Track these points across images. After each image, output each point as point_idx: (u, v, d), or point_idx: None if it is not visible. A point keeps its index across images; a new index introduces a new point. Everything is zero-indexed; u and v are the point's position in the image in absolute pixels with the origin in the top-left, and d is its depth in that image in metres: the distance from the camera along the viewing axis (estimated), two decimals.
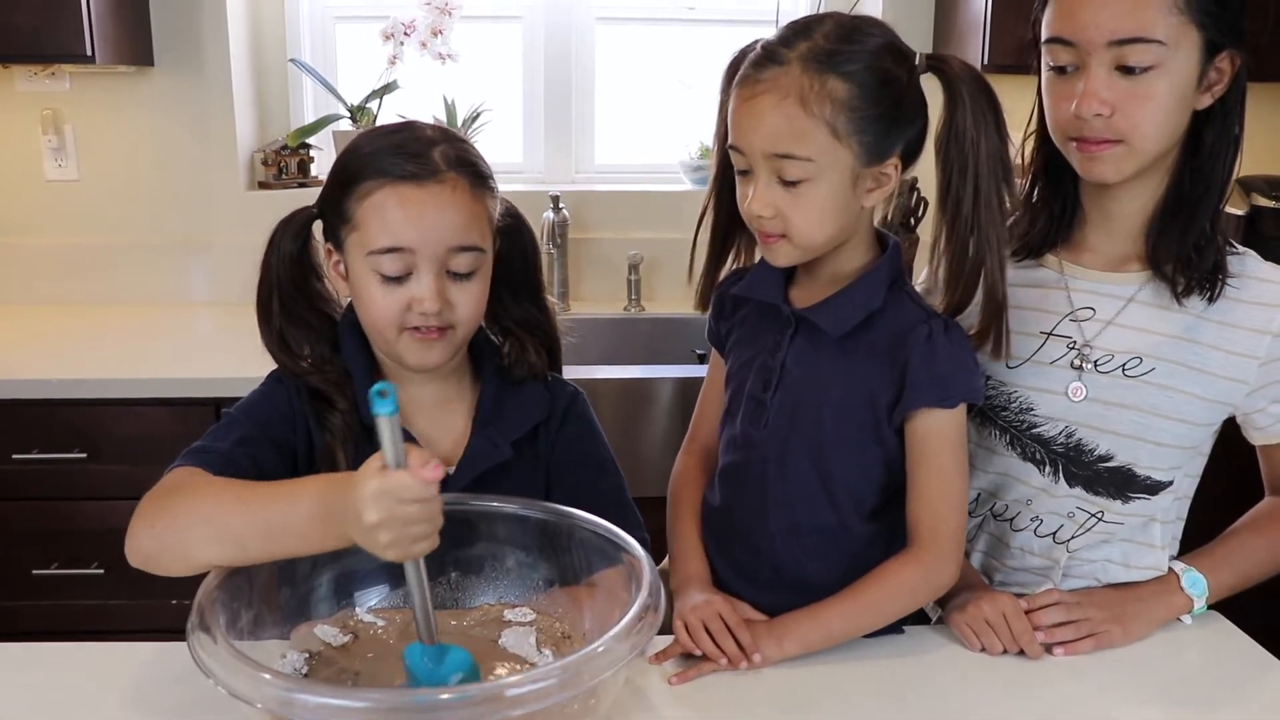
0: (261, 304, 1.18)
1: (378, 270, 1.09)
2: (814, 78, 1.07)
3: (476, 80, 2.75)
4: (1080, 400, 1.25)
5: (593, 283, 2.73)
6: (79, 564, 2.12)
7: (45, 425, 2.07)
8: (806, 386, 1.19)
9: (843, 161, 1.09)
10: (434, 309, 1.09)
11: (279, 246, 1.17)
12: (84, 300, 2.65)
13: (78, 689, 1.08)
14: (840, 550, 1.20)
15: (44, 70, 2.53)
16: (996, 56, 2.33)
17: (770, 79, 1.09)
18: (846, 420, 1.17)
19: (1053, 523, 1.30)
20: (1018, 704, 1.09)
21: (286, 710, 0.81)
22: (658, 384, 2.15)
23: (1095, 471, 1.26)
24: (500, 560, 1.11)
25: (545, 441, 1.24)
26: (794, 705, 1.07)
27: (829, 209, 1.11)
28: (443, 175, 1.09)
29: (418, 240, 1.08)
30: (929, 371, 1.12)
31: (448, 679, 0.92)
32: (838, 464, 1.19)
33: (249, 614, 0.99)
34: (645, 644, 0.90)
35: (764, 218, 1.12)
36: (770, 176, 1.11)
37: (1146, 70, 1.13)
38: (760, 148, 1.10)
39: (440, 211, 1.09)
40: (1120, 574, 1.29)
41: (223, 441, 1.11)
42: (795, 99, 1.07)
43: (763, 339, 1.24)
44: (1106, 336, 1.25)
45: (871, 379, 1.16)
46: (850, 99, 1.07)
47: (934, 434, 1.15)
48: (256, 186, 2.70)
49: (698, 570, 1.24)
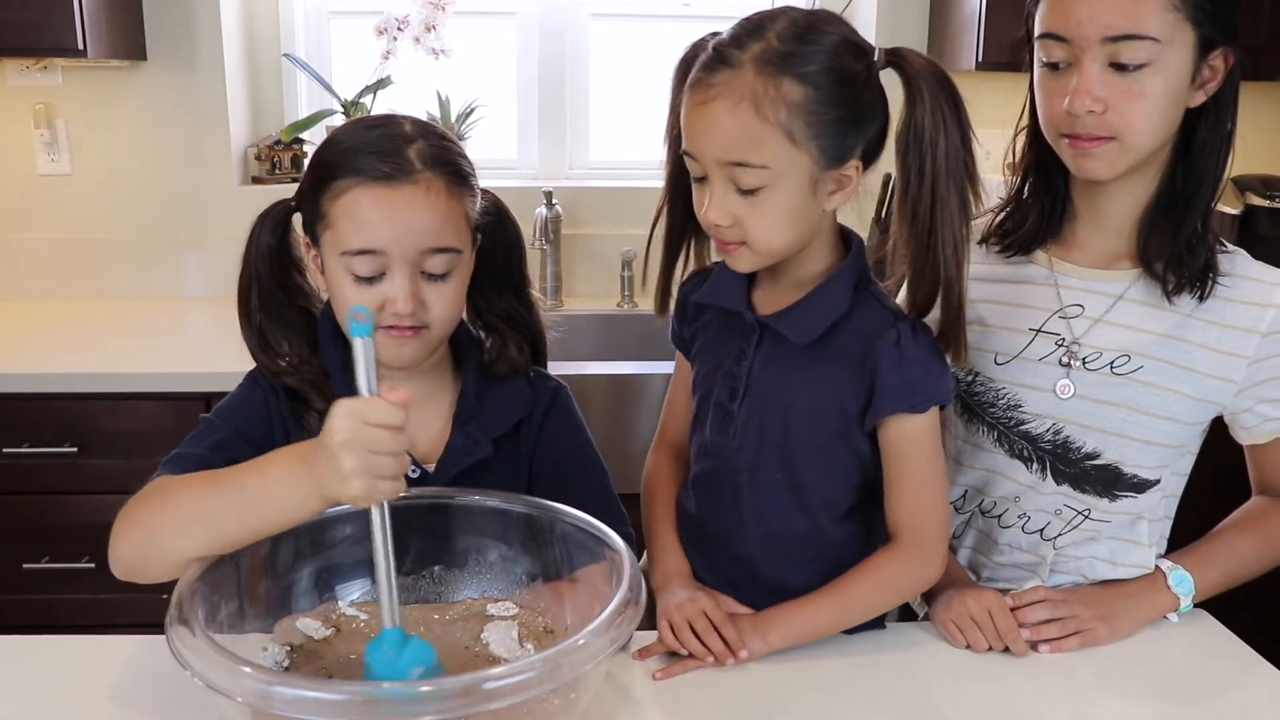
0: (242, 298, 1.17)
1: (350, 270, 1.08)
2: (767, 81, 1.03)
3: (470, 76, 2.75)
4: (1068, 398, 1.25)
5: (586, 279, 2.73)
6: (70, 558, 2.11)
7: (36, 420, 2.07)
8: (774, 395, 1.17)
9: (801, 167, 1.06)
10: (407, 310, 1.08)
11: (258, 240, 1.16)
12: (75, 295, 2.65)
13: (62, 682, 1.08)
14: (815, 554, 1.20)
15: (36, 64, 2.53)
16: (991, 54, 2.33)
17: (722, 83, 1.04)
18: (816, 429, 1.16)
19: (1040, 520, 1.30)
20: (1002, 701, 1.09)
21: (264, 704, 0.80)
22: (650, 380, 2.15)
23: (1082, 469, 1.26)
24: (483, 554, 1.11)
25: (527, 438, 1.23)
26: (778, 700, 1.07)
27: (788, 216, 1.08)
28: (417, 175, 1.08)
29: (390, 242, 1.07)
30: (898, 377, 1.11)
31: (406, 672, 0.91)
32: (809, 472, 1.18)
33: (229, 607, 0.98)
34: (626, 638, 0.89)
35: (722, 226, 1.09)
36: (726, 184, 1.07)
37: (1140, 67, 1.12)
38: (714, 155, 1.06)
39: (414, 213, 1.07)
40: (1107, 571, 1.29)
41: (199, 446, 1.11)
42: (749, 104, 1.03)
43: (727, 346, 1.22)
44: (1095, 334, 1.25)
45: (840, 387, 1.14)
46: (806, 102, 1.03)
47: (907, 439, 1.13)
48: (250, 182, 2.70)
49: (678, 565, 1.24)
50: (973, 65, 2.36)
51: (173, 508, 0.99)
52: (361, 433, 0.87)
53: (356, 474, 0.88)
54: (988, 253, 1.34)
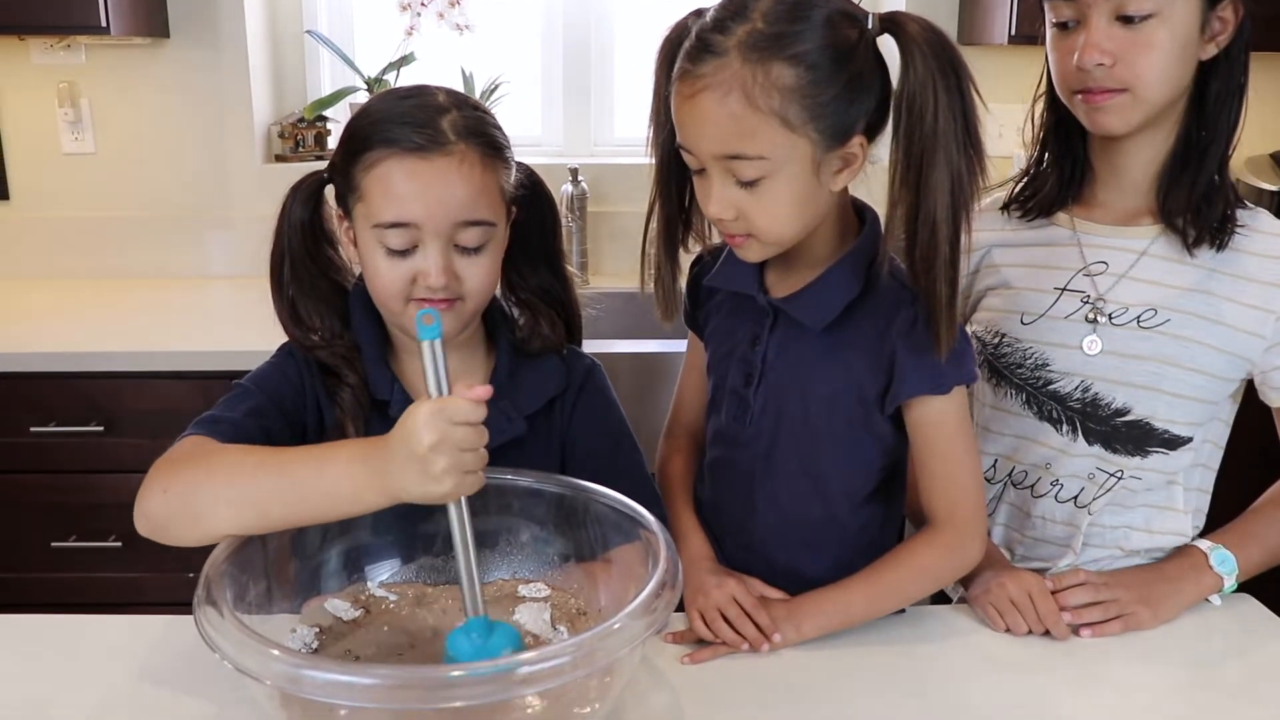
0: (274, 272, 1.16)
1: (383, 243, 1.06)
2: (756, 68, 0.97)
3: (494, 52, 2.72)
4: (1095, 354, 1.25)
5: (612, 256, 2.71)
6: (97, 537, 2.12)
7: (63, 399, 2.07)
8: (790, 381, 1.15)
9: (801, 152, 1.00)
10: (440, 284, 1.06)
11: (290, 212, 1.14)
12: (100, 273, 2.65)
13: (88, 661, 1.08)
14: (831, 541, 1.18)
15: (60, 42, 2.52)
16: (1024, 27, 2.29)
17: (709, 74, 0.98)
18: (835, 415, 1.13)
19: (1073, 486, 1.29)
20: (1039, 687, 1.07)
21: (294, 687, 0.79)
22: (676, 359, 2.09)
23: (1113, 426, 1.25)
24: (515, 535, 1.09)
25: (561, 415, 1.21)
26: (811, 685, 1.05)
27: (793, 203, 1.03)
28: (451, 147, 1.05)
29: (423, 215, 1.05)
30: (917, 360, 1.07)
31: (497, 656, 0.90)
32: (828, 459, 1.15)
33: (258, 587, 0.97)
34: (663, 622, 0.87)
35: (726, 220, 1.05)
36: (725, 177, 1.02)
37: (1146, 19, 1.14)
38: (709, 150, 1.01)
39: (447, 186, 1.05)
40: (1143, 541, 1.28)
41: (234, 411, 1.09)
42: (739, 94, 0.97)
43: (741, 330, 1.19)
44: (1120, 290, 1.25)
45: (858, 370, 1.11)
46: (800, 85, 0.97)
47: (933, 421, 1.10)
48: (273, 159, 2.68)
49: (701, 549, 1.20)
50: (1005, 39, 2.33)
51: (222, 478, 0.97)
52: (451, 433, 0.87)
53: (448, 473, 0.88)
54: (1009, 219, 1.35)
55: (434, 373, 0.88)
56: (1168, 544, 1.27)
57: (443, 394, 0.88)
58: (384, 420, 1.06)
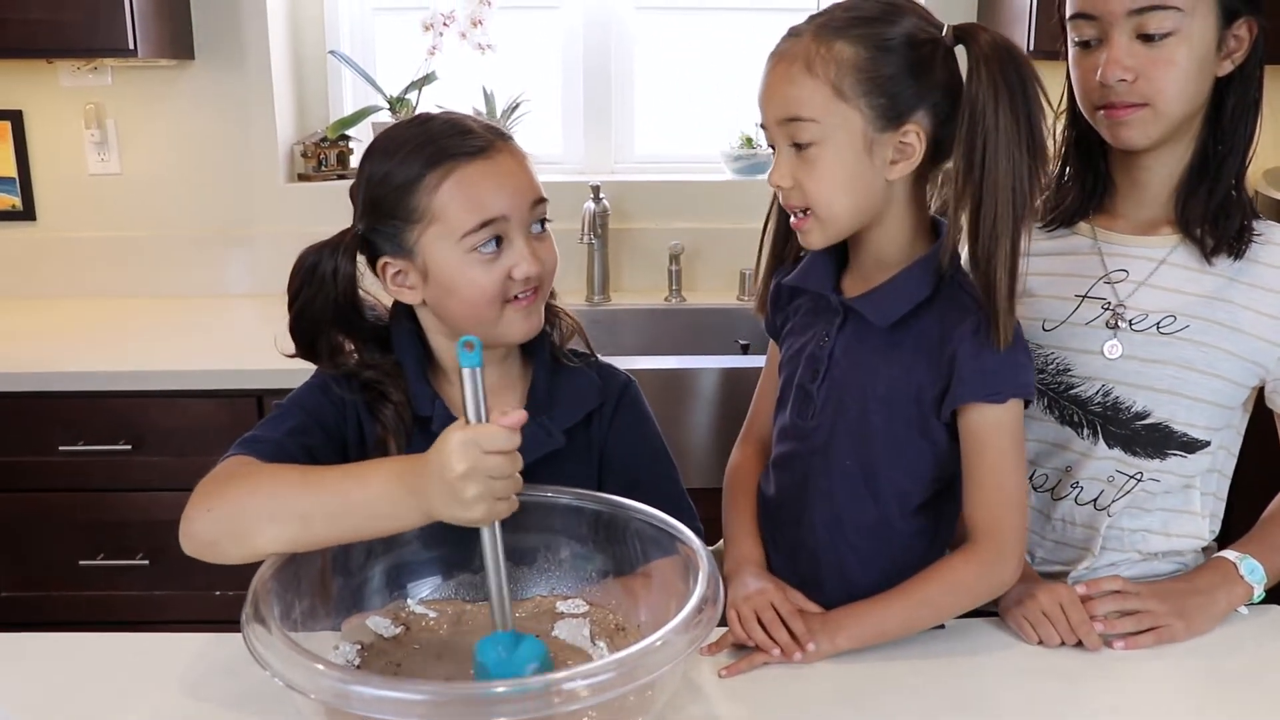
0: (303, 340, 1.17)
1: (475, 249, 1.08)
2: (821, 42, 1.07)
3: (516, 71, 2.74)
4: (1116, 358, 1.27)
5: (633, 273, 2.71)
6: (125, 555, 2.13)
7: (90, 417, 2.08)
8: (852, 378, 1.18)
9: (851, 123, 1.07)
10: (534, 271, 1.11)
11: (339, 268, 1.12)
12: (126, 293, 2.67)
13: (127, 679, 1.08)
14: (881, 546, 1.19)
15: (87, 64, 2.55)
16: (1043, 42, 2.29)
17: (784, 50, 1.10)
18: (892, 415, 1.15)
19: (1093, 489, 1.31)
20: (1073, 701, 1.07)
21: (342, 702, 0.80)
22: (698, 375, 2.13)
23: (1133, 430, 1.27)
24: (554, 551, 1.10)
25: (599, 430, 1.22)
26: (848, 700, 1.06)
27: (842, 175, 1.09)
28: (496, 142, 1.11)
29: (508, 205, 1.09)
30: (976, 365, 1.10)
31: (522, 670, 0.91)
32: (882, 459, 1.17)
33: (302, 605, 0.98)
34: (704, 638, 0.88)
35: (784, 188, 1.12)
36: (786, 146, 1.11)
37: (1166, 36, 1.17)
38: (773, 115, 1.11)
39: (513, 175, 1.11)
40: (1161, 544, 1.30)
41: (275, 431, 1.10)
42: (801, 64, 1.08)
43: (814, 328, 1.23)
44: (1140, 296, 1.28)
45: (918, 372, 1.14)
46: (857, 60, 1.06)
47: (987, 429, 1.12)
48: (296, 179, 2.70)
49: (751, 553, 1.24)
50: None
51: (266, 495, 0.99)
52: (482, 461, 0.89)
53: (479, 500, 0.90)
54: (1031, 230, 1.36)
55: (474, 399, 0.90)
56: (1185, 547, 1.30)
57: (481, 420, 0.90)
58: (426, 435, 1.07)
